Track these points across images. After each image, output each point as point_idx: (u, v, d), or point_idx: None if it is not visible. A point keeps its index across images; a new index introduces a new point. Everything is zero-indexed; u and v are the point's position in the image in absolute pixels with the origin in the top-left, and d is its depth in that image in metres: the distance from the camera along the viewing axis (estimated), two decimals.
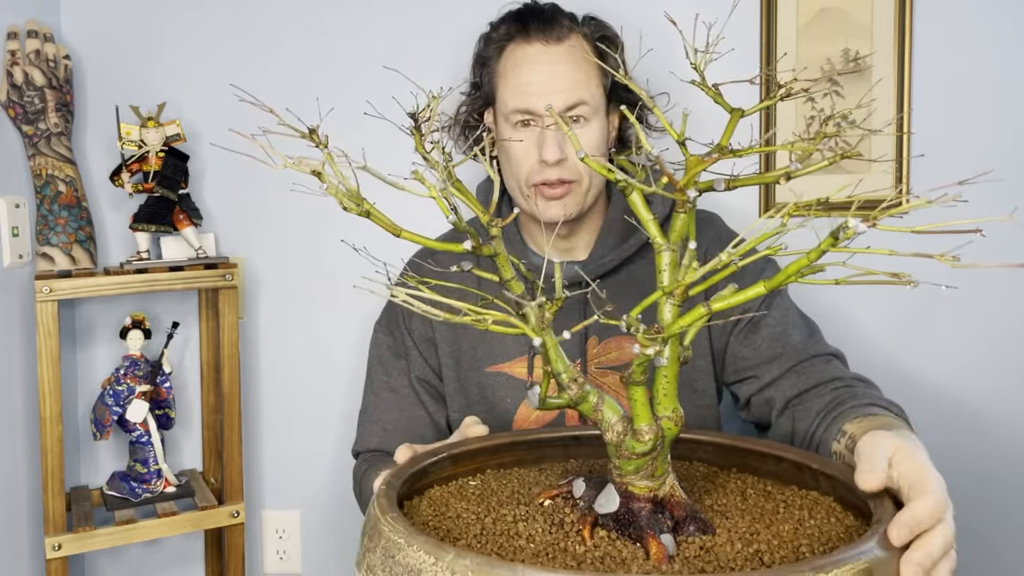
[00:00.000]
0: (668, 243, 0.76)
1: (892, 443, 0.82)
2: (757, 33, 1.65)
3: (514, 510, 0.82)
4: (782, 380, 1.25)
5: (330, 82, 1.70)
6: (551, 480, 0.92)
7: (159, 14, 1.69)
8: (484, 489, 0.90)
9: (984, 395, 1.68)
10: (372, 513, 0.76)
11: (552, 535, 0.76)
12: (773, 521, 0.80)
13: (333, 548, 1.79)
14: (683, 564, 0.71)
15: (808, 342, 1.28)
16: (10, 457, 1.51)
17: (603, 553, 0.73)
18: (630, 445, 0.76)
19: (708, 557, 0.73)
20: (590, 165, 0.79)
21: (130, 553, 1.78)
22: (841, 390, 1.18)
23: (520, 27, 1.30)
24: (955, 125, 1.64)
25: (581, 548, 0.74)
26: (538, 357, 1.30)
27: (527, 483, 0.92)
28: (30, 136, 1.53)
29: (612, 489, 0.77)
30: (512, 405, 1.32)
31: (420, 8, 1.69)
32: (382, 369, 1.41)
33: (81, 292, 1.49)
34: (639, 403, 0.75)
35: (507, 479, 0.94)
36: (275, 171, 1.77)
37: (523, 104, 1.26)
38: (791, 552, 0.74)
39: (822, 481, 0.87)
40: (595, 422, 0.78)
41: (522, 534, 0.77)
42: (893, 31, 1.62)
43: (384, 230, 0.78)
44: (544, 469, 0.98)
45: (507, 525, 0.79)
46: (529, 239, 1.38)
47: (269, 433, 1.79)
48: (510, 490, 0.89)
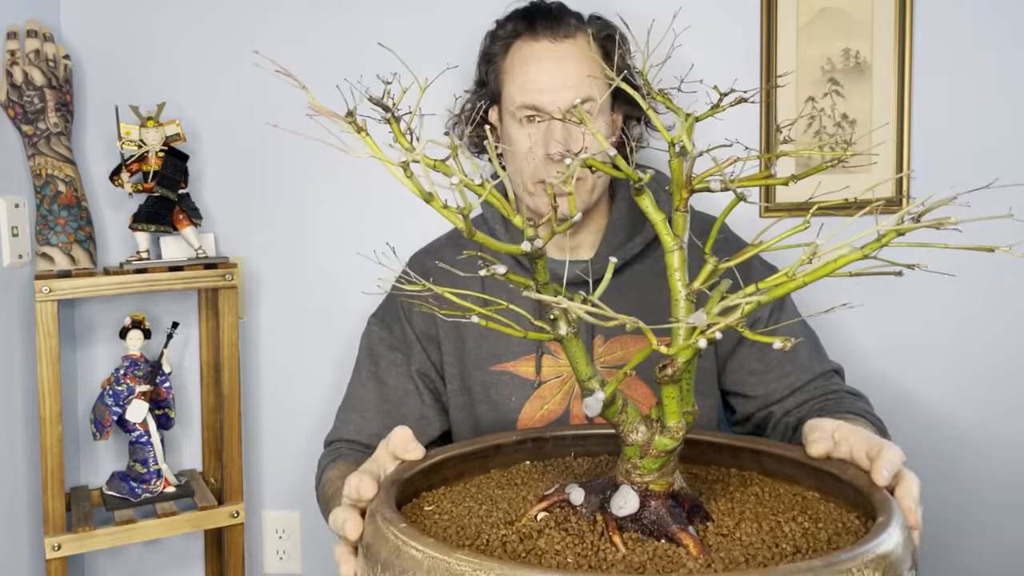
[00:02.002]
0: (678, 243, 0.77)
1: (833, 422, 0.90)
2: (757, 33, 1.65)
3: (525, 525, 0.79)
4: (787, 399, 1.29)
5: (330, 82, 1.70)
6: (537, 490, 0.89)
7: (159, 14, 1.69)
8: (487, 496, 0.88)
9: (976, 415, 1.68)
10: (390, 539, 0.71)
11: (579, 545, 0.74)
12: (778, 516, 0.81)
13: (333, 548, 1.78)
14: (718, 552, 0.73)
15: (814, 358, 1.31)
16: (10, 457, 1.51)
17: (647, 555, 0.72)
18: (660, 443, 0.76)
19: (730, 545, 0.75)
20: (599, 167, 0.79)
21: (130, 553, 1.78)
22: (832, 402, 1.23)
23: (527, 24, 1.30)
24: (955, 125, 1.64)
25: (618, 554, 0.72)
26: (546, 357, 1.31)
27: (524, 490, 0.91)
28: (30, 136, 1.53)
29: (628, 489, 0.77)
30: (517, 404, 1.32)
31: (425, 9, 1.69)
32: (371, 360, 1.39)
33: (81, 292, 1.49)
34: (674, 401, 0.75)
35: (512, 484, 0.92)
36: (274, 171, 1.78)
37: (529, 100, 1.27)
38: (807, 542, 0.75)
39: (827, 480, 0.88)
40: (616, 423, 0.77)
41: (547, 548, 0.74)
42: (893, 31, 1.62)
43: (454, 224, 0.75)
44: (548, 470, 0.97)
45: (531, 539, 0.75)
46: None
47: (269, 433, 1.79)
48: (510, 498, 0.87)
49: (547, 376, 1.31)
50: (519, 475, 0.95)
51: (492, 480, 0.93)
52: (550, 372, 1.31)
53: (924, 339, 1.67)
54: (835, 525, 0.79)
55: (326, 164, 1.72)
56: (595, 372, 0.77)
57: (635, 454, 0.77)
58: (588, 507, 0.78)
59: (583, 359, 0.77)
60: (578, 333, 0.77)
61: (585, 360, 0.77)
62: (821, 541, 0.76)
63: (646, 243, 1.32)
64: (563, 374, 1.31)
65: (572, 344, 0.77)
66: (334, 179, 1.73)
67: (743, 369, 1.32)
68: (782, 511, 0.83)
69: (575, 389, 1.30)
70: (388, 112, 0.75)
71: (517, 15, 1.33)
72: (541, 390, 1.31)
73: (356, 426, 1.36)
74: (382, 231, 1.73)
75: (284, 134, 1.71)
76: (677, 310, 0.76)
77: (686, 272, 0.77)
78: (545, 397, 1.30)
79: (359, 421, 1.37)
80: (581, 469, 0.97)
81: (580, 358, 0.77)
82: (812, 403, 1.25)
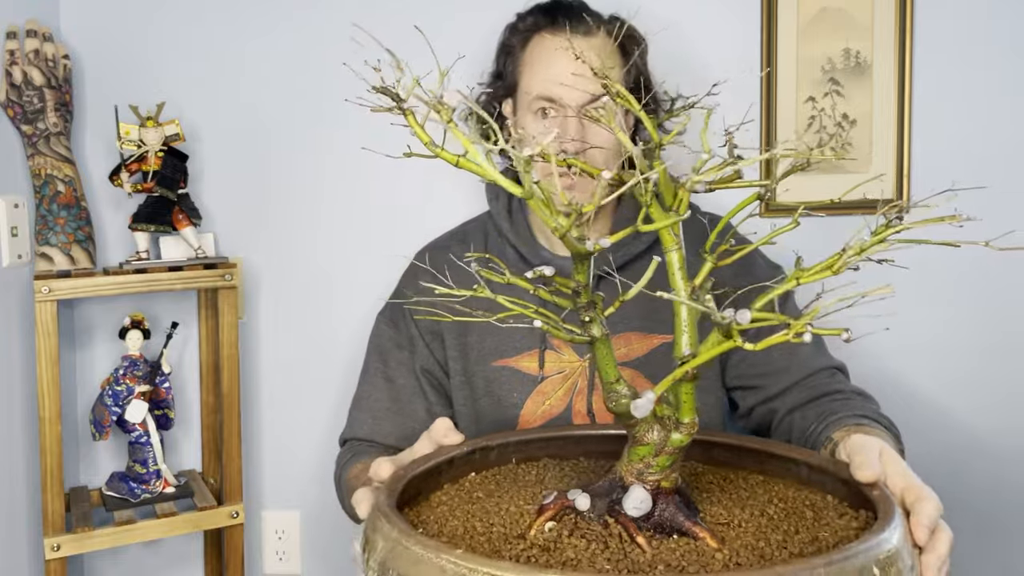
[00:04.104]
0: (677, 242, 0.77)
1: (878, 444, 0.89)
2: (757, 33, 1.65)
3: (537, 536, 0.77)
4: (788, 393, 1.28)
5: (330, 81, 1.70)
6: (503, 500, 0.87)
7: (158, 14, 1.69)
8: (464, 513, 0.84)
9: (977, 410, 1.68)
10: (413, 550, 0.70)
11: (606, 551, 0.73)
12: (776, 515, 0.81)
13: (333, 548, 1.78)
14: (727, 541, 0.75)
15: (815, 354, 1.30)
16: (9, 457, 1.50)
17: (676, 553, 0.72)
18: (675, 440, 0.76)
19: (730, 532, 0.77)
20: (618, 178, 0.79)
21: (129, 554, 1.78)
22: (839, 402, 1.21)
23: (548, 19, 1.31)
24: (955, 124, 1.64)
25: (646, 555, 0.72)
26: (549, 352, 1.31)
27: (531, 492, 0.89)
28: (29, 136, 1.53)
29: (641, 489, 0.77)
30: (519, 400, 1.32)
31: (429, 9, 1.69)
32: (380, 358, 1.41)
33: (80, 292, 1.49)
34: (691, 397, 0.75)
35: (473, 499, 0.89)
36: (274, 171, 1.77)
37: (546, 91, 1.27)
38: (806, 541, 0.76)
39: (827, 479, 0.88)
40: (632, 424, 0.77)
41: (577, 558, 0.72)
42: (893, 31, 1.62)
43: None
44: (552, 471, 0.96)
45: (555, 551, 0.74)
46: (539, 232, 1.38)
47: (268, 433, 1.78)
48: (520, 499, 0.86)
49: (549, 372, 1.31)
50: (476, 488, 0.90)
51: (449, 496, 0.89)
52: (552, 368, 1.31)
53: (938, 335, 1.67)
54: (834, 524, 0.79)
55: (326, 164, 1.72)
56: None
57: (649, 453, 0.77)
58: (595, 511, 0.78)
59: (612, 361, 0.77)
60: (609, 335, 0.77)
61: (614, 362, 0.77)
62: (821, 540, 0.76)
63: (651, 241, 1.33)
64: (565, 370, 1.31)
65: (604, 346, 0.77)
66: (334, 179, 1.73)
67: (742, 363, 1.32)
68: (782, 510, 0.83)
69: (577, 385, 1.31)
70: (397, 101, 0.74)
71: (538, 9, 1.34)
72: (543, 386, 1.31)
73: (368, 427, 1.38)
74: (382, 231, 1.73)
75: (284, 134, 1.71)
76: (679, 308, 0.76)
77: (686, 270, 0.77)
78: (547, 393, 1.31)
79: (371, 421, 1.38)
80: (532, 475, 0.94)
81: (610, 360, 0.77)
82: (819, 402, 1.23)
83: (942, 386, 1.69)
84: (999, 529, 1.70)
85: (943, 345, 1.68)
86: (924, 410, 1.69)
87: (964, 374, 1.68)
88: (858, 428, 1.07)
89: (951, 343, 1.68)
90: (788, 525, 0.79)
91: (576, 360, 1.31)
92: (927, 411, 1.69)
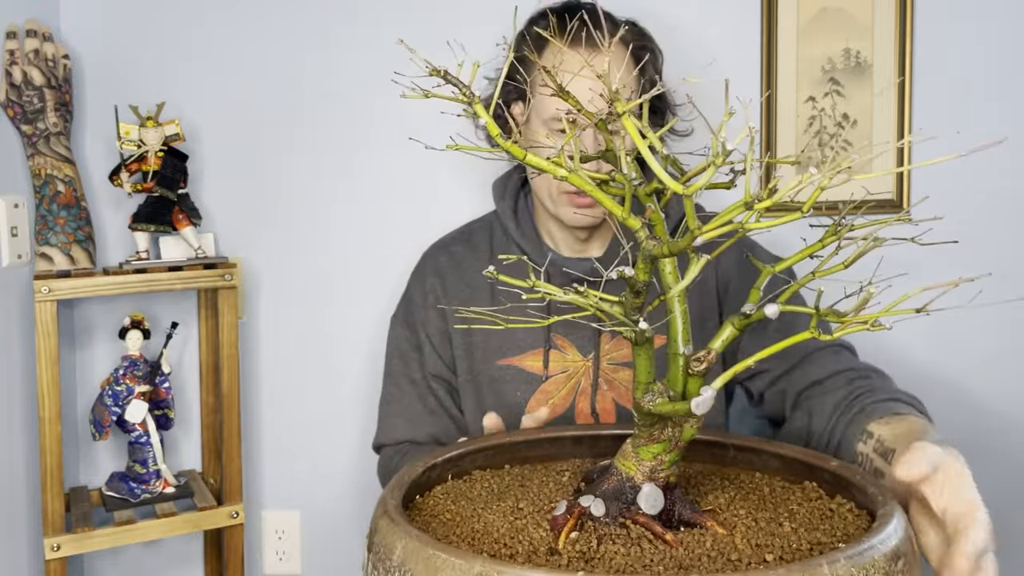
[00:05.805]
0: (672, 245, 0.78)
1: (938, 453, 0.82)
2: (757, 33, 1.65)
3: (567, 549, 0.75)
4: (793, 372, 1.25)
5: (329, 80, 1.70)
6: (542, 502, 0.86)
7: (158, 14, 1.69)
8: (467, 533, 0.81)
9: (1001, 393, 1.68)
10: (421, 549, 0.68)
11: (644, 552, 0.73)
12: (777, 513, 0.81)
13: (333, 548, 1.78)
14: (736, 529, 0.77)
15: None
16: (9, 457, 1.50)
17: (702, 545, 0.73)
18: (687, 434, 0.77)
19: (731, 520, 0.79)
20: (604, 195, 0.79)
21: (129, 554, 1.78)
22: (856, 383, 1.17)
23: (563, 31, 1.26)
24: (955, 124, 1.64)
25: (677, 553, 0.72)
26: (553, 351, 1.31)
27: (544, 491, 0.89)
28: (29, 136, 1.53)
29: (653, 487, 0.77)
30: (523, 399, 1.32)
31: (422, 10, 1.69)
32: (402, 361, 1.41)
33: (80, 292, 1.49)
34: (699, 391, 0.75)
35: (523, 484, 0.90)
36: (274, 171, 1.77)
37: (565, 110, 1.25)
38: (806, 533, 0.77)
39: (826, 478, 0.88)
40: (648, 423, 0.78)
41: (625, 564, 0.71)
42: (894, 31, 1.62)
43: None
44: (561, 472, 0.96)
45: (598, 559, 0.73)
46: (546, 235, 1.39)
47: (268, 433, 1.78)
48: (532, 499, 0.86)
49: (553, 371, 1.32)
50: (442, 506, 0.87)
51: (448, 494, 0.88)
52: (556, 367, 1.32)
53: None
54: (835, 523, 0.79)
55: (326, 164, 1.72)
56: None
57: (663, 450, 0.77)
58: (609, 515, 0.77)
59: (651, 362, 0.77)
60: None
61: (652, 363, 0.77)
62: (821, 540, 0.76)
63: None
64: (569, 369, 1.31)
65: (649, 346, 0.77)
66: (334, 178, 1.72)
67: (744, 353, 1.31)
68: (782, 509, 0.83)
69: (580, 385, 1.31)
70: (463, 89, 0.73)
71: (553, 13, 1.31)
72: (547, 384, 1.31)
73: (403, 429, 1.38)
74: (382, 230, 1.73)
75: (284, 134, 1.71)
76: (672, 304, 0.78)
77: (677, 272, 0.79)
78: (551, 392, 1.31)
79: (406, 425, 1.38)
80: (503, 484, 0.92)
81: (649, 361, 0.77)
82: (832, 381, 1.18)
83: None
84: None
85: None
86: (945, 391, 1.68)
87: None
88: (899, 420, 1.02)
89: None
90: (787, 525, 0.79)
91: (580, 360, 1.32)
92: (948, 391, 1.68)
